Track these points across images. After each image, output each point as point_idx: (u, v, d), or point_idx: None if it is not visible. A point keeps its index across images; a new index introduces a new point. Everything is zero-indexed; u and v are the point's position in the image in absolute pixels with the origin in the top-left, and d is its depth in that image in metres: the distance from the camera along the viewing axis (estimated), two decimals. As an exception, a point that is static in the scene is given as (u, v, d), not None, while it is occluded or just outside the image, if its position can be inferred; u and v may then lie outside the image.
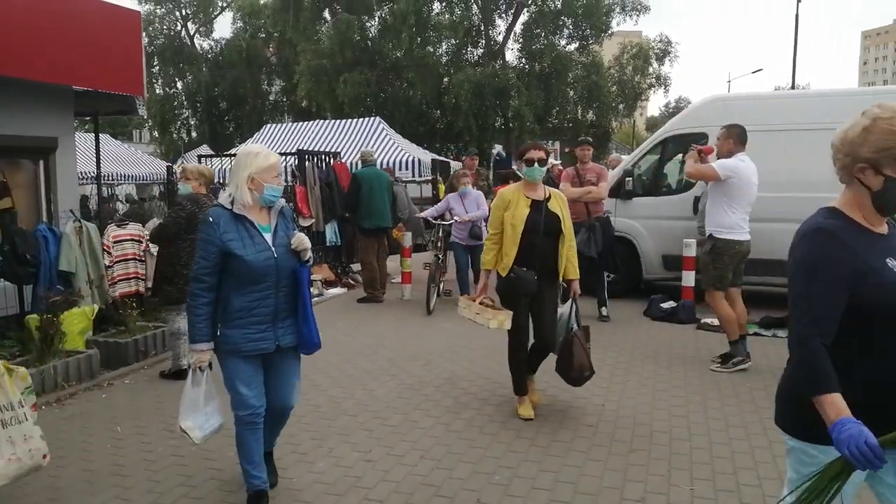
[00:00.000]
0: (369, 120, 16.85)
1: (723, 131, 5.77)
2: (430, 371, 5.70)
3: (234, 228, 3.08)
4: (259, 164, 3.10)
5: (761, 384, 5.26)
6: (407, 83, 26.55)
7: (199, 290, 3.09)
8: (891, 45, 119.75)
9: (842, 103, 8.12)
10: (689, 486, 3.57)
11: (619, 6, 25.73)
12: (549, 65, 25.47)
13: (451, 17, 26.16)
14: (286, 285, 3.17)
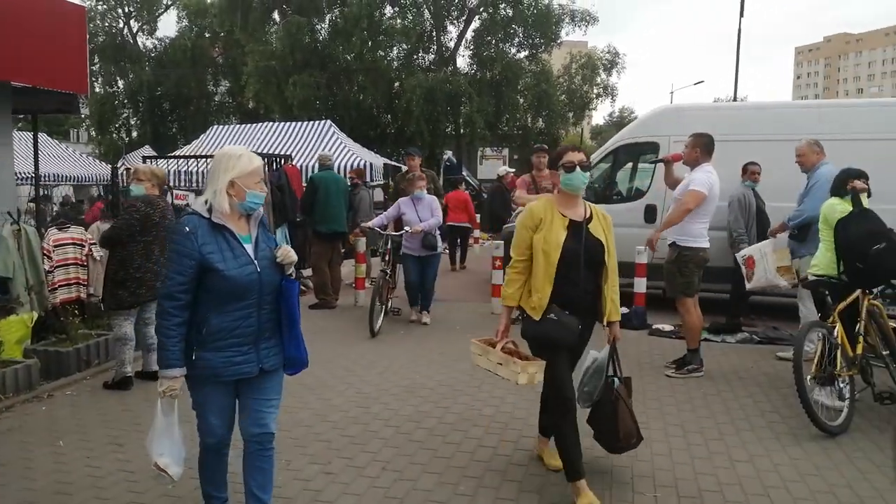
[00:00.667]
0: (320, 123, 16.67)
1: (690, 140, 5.83)
2: (387, 379, 5.62)
3: (214, 240, 2.75)
4: (242, 167, 2.78)
5: (714, 390, 5.35)
6: (358, 87, 26.35)
7: (173, 308, 2.73)
8: (822, 60, 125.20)
9: (789, 116, 8.42)
10: (654, 493, 3.58)
11: (569, 16, 26.14)
12: (499, 72, 25.67)
13: (402, 21, 26.10)
14: (269, 302, 2.86)
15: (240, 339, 2.81)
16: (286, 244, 2.96)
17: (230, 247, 2.77)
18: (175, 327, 2.74)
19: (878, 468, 3.88)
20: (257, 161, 2.84)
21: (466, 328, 7.56)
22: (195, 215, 2.80)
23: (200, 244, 2.72)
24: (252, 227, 2.88)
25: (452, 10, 26.73)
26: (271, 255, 2.87)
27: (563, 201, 3.54)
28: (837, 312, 4.64)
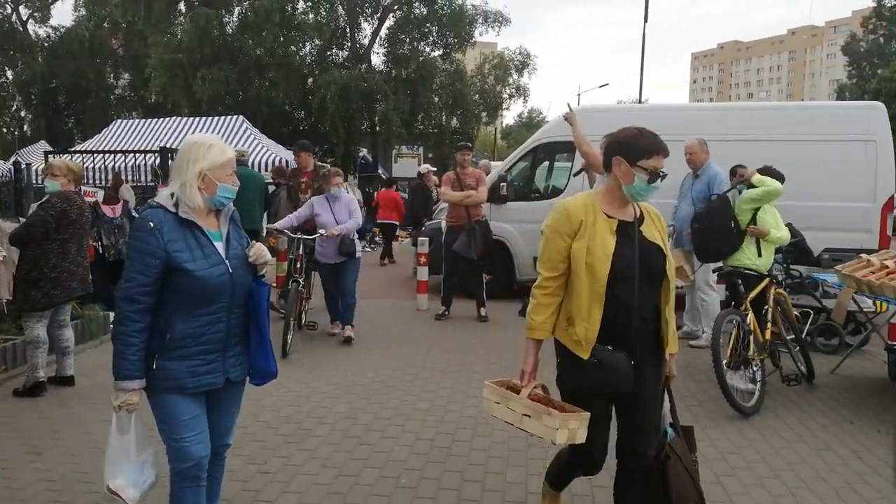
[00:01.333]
0: (231, 118, 16.19)
1: (604, 141, 6.04)
2: (319, 376, 5.56)
3: (181, 236, 2.47)
4: (214, 158, 2.52)
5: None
6: (269, 82, 25.71)
7: (134, 312, 2.43)
8: (716, 66, 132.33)
9: (695, 117, 8.90)
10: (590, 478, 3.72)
11: (482, 17, 26.47)
12: (414, 70, 25.67)
13: (316, 17, 25.67)
14: (240, 306, 2.61)
15: (207, 347, 2.54)
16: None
17: (199, 245, 2.51)
18: (136, 333, 2.45)
19: (789, 444, 4.18)
20: (231, 152, 2.61)
21: (392, 325, 7.58)
22: (159, 209, 2.50)
23: (167, 241, 2.44)
24: (222, 224, 2.63)
25: (367, 6, 26.51)
26: (243, 253, 2.63)
27: (607, 198, 2.71)
28: (749, 301, 4.96)
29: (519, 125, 71.25)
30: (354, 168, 26.82)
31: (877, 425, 4.52)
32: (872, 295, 4.99)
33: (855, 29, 60.67)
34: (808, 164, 7.56)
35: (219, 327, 2.56)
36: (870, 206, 7.82)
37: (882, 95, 35.39)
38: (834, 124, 8.14)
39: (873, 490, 3.57)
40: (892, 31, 50.37)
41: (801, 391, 5.17)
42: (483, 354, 6.32)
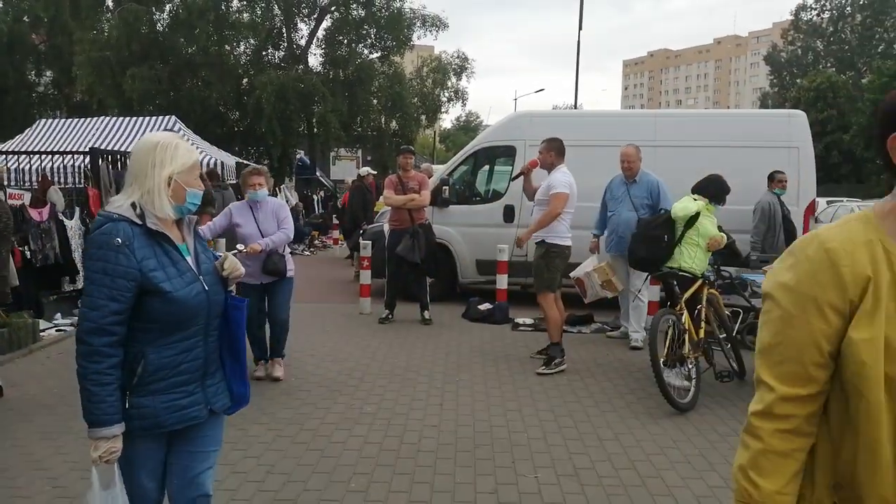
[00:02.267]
0: (163, 118, 15.71)
1: (544, 145, 6.19)
2: (261, 383, 5.47)
3: (152, 253, 2.13)
4: (182, 160, 2.21)
5: (577, 377, 5.75)
6: (203, 82, 25.08)
7: (105, 346, 2.05)
8: (646, 73, 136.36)
9: (630, 123, 9.19)
10: (535, 474, 3.81)
11: (420, 20, 26.52)
12: (352, 72, 25.51)
13: (251, 16, 25.20)
14: (216, 327, 2.30)
15: (185, 377, 2.20)
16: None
17: (172, 261, 2.17)
18: (111, 370, 2.07)
19: (724, 437, 4.38)
20: (196, 153, 2.31)
21: (335, 330, 7.53)
22: (123, 221, 2.11)
23: (140, 259, 2.08)
24: (187, 235, 2.29)
25: (303, 7, 26.18)
26: (213, 267, 2.31)
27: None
28: (684, 301, 5.15)
29: (457, 129, 71.70)
30: (292, 170, 26.46)
31: (802, 418, 4.76)
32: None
33: (776, 40, 63.68)
34: (735, 169, 7.89)
35: (196, 353, 2.22)
36: (793, 210, 8.24)
37: (801, 103, 37.28)
38: (759, 131, 8.54)
39: (801, 479, 3.77)
40: (809, 43, 53.10)
41: (733, 387, 5.40)
42: (428, 357, 6.36)
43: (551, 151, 6.05)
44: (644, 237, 5.64)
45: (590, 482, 3.72)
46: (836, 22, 51.92)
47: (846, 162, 41.09)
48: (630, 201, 6.81)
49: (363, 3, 25.66)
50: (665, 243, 5.38)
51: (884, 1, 49.30)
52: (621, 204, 6.89)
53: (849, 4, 51.43)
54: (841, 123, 40.49)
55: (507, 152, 9.45)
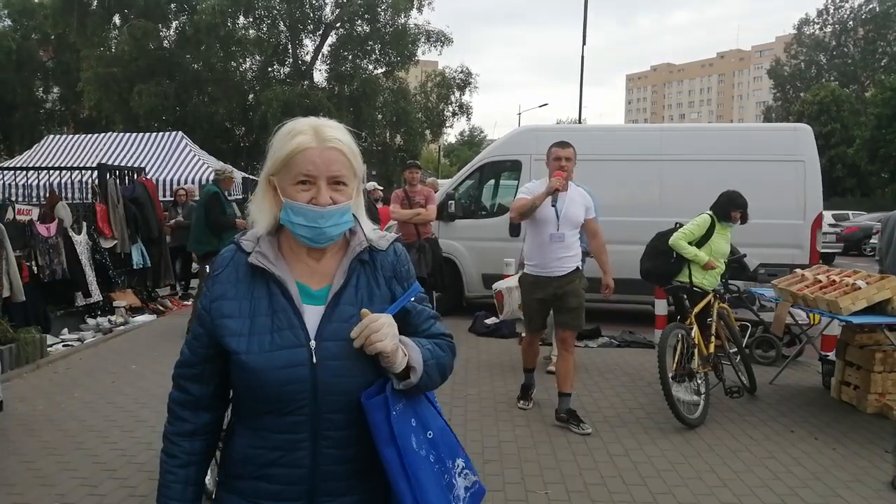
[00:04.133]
0: (170, 134, 15.85)
1: (570, 150, 5.62)
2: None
3: (244, 292, 1.44)
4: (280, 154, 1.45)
5: (585, 391, 5.72)
6: (209, 98, 25.28)
7: (177, 405, 1.52)
8: (649, 87, 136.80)
9: (635, 138, 9.21)
10: (545, 490, 3.78)
11: (425, 36, 26.73)
12: (357, 88, 25.70)
13: (257, 32, 25.44)
14: (338, 424, 1.39)
15: (277, 487, 1.41)
16: (143, 261, 1.82)
17: (271, 309, 1.42)
18: (180, 439, 1.49)
19: (734, 453, 4.34)
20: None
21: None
22: (232, 247, 1.51)
23: (214, 298, 1.45)
24: (337, 273, 1.46)
25: (308, 23, 26.44)
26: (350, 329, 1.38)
27: None
28: (694, 315, 5.13)
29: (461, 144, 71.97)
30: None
31: (815, 433, 4.73)
32: (807, 308, 5.24)
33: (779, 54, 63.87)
34: (741, 183, 7.88)
35: (298, 456, 1.39)
36: (800, 224, 8.23)
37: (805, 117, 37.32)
38: (765, 145, 8.55)
39: (815, 495, 3.74)
40: (812, 57, 53.25)
41: (742, 402, 5.36)
42: (435, 372, 6.32)
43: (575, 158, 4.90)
44: (653, 250, 5.59)
45: (600, 499, 3.68)
46: (839, 36, 52.09)
47: (851, 175, 41.05)
48: None
49: (368, 19, 25.89)
50: (674, 259, 5.34)
51: (886, 15, 49.48)
52: None
53: (851, 18, 51.63)
54: (845, 137, 40.49)
55: (512, 167, 9.50)
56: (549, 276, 4.78)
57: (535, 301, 4.91)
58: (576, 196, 4.85)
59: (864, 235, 22.74)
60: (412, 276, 1.55)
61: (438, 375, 1.48)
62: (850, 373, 5.40)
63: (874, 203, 36.18)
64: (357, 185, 1.49)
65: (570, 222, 4.78)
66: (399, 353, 1.36)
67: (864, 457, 4.30)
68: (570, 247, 4.80)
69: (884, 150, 35.77)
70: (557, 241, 4.73)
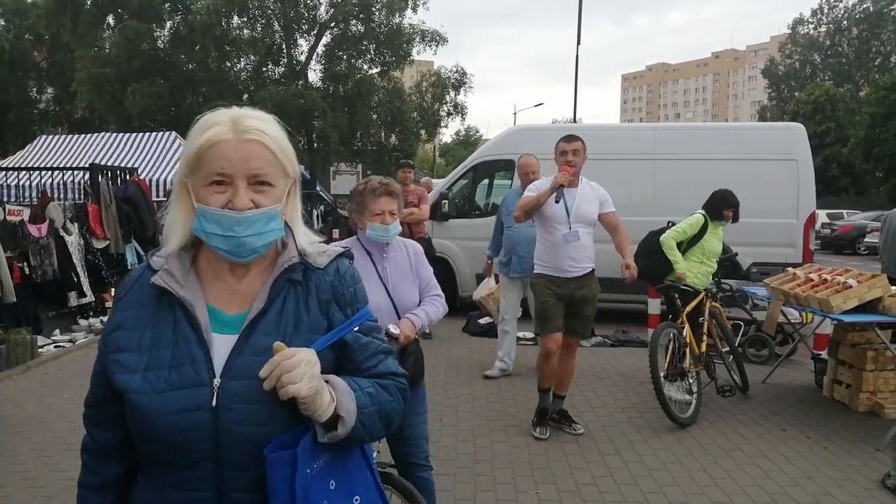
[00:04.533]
0: (164, 134, 15.78)
1: (578, 143, 4.74)
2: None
3: (147, 320, 1.22)
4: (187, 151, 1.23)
5: (577, 391, 5.70)
6: (203, 98, 25.19)
7: (86, 455, 1.30)
8: (644, 87, 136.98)
9: (629, 137, 9.22)
10: (536, 490, 3.77)
11: (420, 36, 26.65)
12: (352, 87, 25.62)
13: (251, 32, 25.35)
14: (249, 483, 1.14)
15: None
16: (137, 262, 1.72)
17: (174, 340, 1.19)
18: (87, 493, 1.29)
19: (726, 452, 4.33)
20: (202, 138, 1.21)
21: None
22: (144, 265, 1.29)
23: (109, 330, 1.24)
24: (259, 295, 1.22)
25: (303, 23, 26.32)
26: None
27: None
28: (686, 314, 5.12)
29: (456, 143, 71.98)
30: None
31: (806, 431, 4.73)
32: (799, 307, 5.24)
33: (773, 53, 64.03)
34: (735, 182, 7.89)
35: None
36: (793, 223, 8.24)
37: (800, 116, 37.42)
38: (759, 144, 8.55)
39: (806, 494, 3.74)
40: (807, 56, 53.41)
41: (734, 401, 5.36)
42: (427, 372, 6.27)
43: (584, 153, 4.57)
44: (645, 250, 5.59)
45: (591, 498, 3.68)
46: (834, 35, 52.24)
47: (845, 174, 41.18)
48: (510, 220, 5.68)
49: (362, 18, 25.81)
50: (664, 259, 5.32)
51: (880, 14, 49.65)
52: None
53: (845, 18, 51.79)
54: (839, 136, 40.62)
55: (506, 166, 9.48)
56: (565, 276, 4.49)
57: (553, 297, 4.48)
58: (587, 191, 4.57)
59: (859, 234, 22.80)
60: (360, 300, 1.29)
61: (380, 425, 1.22)
62: (842, 371, 5.41)
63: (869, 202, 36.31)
64: (291, 187, 1.26)
65: (583, 219, 4.48)
66: (323, 397, 1.11)
67: (856, 455, 4.30)
68: (586, 246, 4.50)
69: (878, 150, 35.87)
70: (572, 240, 4.43)
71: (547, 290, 4.51)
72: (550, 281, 4.52)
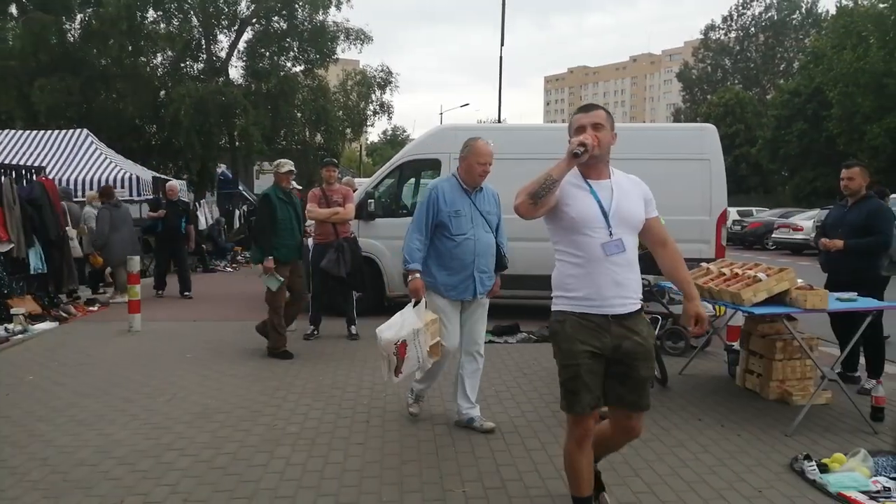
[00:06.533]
0: (75, 132, 15.03)
1: (601, 113, 4.10)
2: (177, 407, 5.23)
3: None
4: None
5: (504, 387, 5.78)
6: (117, 94, 24.13)
7: None
8: (566, 89, 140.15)
9: (553, 137, 9.35)
10: (462, 488, 3.76)
11: (344, 34, 26.39)
12: (275, 85, 25.11)
13: (167, 27, 24.47)
14: None
15: None
16: (42, 266, 2.03)
17: None
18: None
19: (645, 443, 4.44)
20: None
21: (258, 348, 7.30)
22: None
23: None
24: None
25: (223, 18, 25.61)
26: None
27: None
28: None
29: (384, 143, 71.68)
30: (213, 184, 25.73)
31: (721, 420, 4.92)
32: (713, 300, 5.44)
33: (687, 58, 66.60)
34: (651, 180, 8.10)
35: None
36: (706, 220, 8.57)
37: (711, 118, 39.09)
38: (674, 145, 8.85)
39: (721, 481, 3.87)
40: (718, 61, 55.82)
41: (653, 393, 5.46)
42: (355, 374, 6.24)
43: (614, 130, 3.20)
44: None
45: (517, 493, 3.70)
46: (742, 41, 54.85)
47: (754, 174, 43.31)
48: (483, 218, 4.65)
49: (285, 15, 25.34)
50: None
51: (784, 22, 52.41)
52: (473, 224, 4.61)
53: (753, 25, 54.43)
54: (748, 137, 42.68)
55: (432, 165, 9.48)
56: (606, 313, 2.96)
57: (586, 355, 2.93)
58: (626, 184, 3.14)
59: (767, 231, 23.94)
60: None
61: None
62: (754, 361, 5.66)
63: (776, 200, 38.33)
64: None
65: (627, 222, 3.03)
66: None
67: (766, 441, 4.50)
68: (632, 263, 3.03)
69: (783, 150, 37.91)
70: (615, 251, 2.95)
71: (574, 341, 2.95)
72: (582, 324, 2.96)
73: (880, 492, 3.66)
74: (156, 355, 6.91)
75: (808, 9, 51.54)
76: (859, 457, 3.97)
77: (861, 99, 28.69)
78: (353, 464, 4.10)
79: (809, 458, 4.00)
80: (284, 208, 6.87)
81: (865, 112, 29.04)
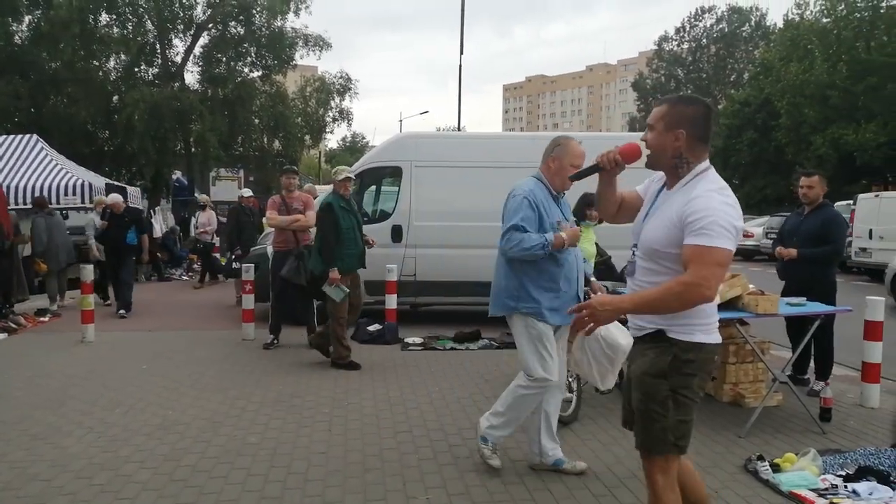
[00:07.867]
0: (23, 137, 14.57)
1: (665, 108, 2.97)
2: (135, 418, 5.13)
3: None
4: None
5: (466, 393, 5.81)
6: (68, 98, 23.51)
7: None
8: (525, 97, 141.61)
9: (508, 145, 9.50)
10: (426, 496, 3.79)
11: (303, 40, 26.18)
12: (232, 91, 24.78)
13: (121, 31, 23.95)
14: None
15: None
16: None
17: None
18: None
19: (606, 447, 4.54)
20: None
21: (217, 358, 7.21)
22: None
23: None
24: None
25: (178, 23, 25.16)
26: None
27: None
28: (566, 316, 5.30)
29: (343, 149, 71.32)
30: (168, 191, 25.25)
31: (677, 423, 5.04)
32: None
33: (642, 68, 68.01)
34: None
35: None
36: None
37: (666, 128, 39.96)
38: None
39: (677, 482, 3.97)
40: (671, 71, 57.09)
41: (612, 398, 5.61)
42: (315, 382, 6.21)
43: (681, 129, 2.56)
44: None
45: (480, 499, 3.74)
46: (695, 52, 56.21)
47: (707, 182, 44.26)
48: None
49: (242, 21, 25.04)
50: None
51: (734, 35, 53.91)
52: None
53: (705, 36, 55.83)
54: (702, 146, 43.58)
55: (393, 173, 9.51)
56: None
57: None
58: (678, 200, 2.57)
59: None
60: None
61: None
62: (708, 365, 5.81)
63: (729, 207, 39.21)
64: None
65: (643, 245, 2.67)
66: None
67: (721, 443, 4.63)
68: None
69: (734, 159, 38.94)
70: (630, 274, 2.82)
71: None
72: None
73: (828, 489, 3.82)
74: (111, 366, 6.77)
75: (758, 21, 53.13)
76: (809, 456, 4.13)
77: (807, 109, 29.67)
78: (316, 473, 4.08)
79: (762, 459, 4.13)
80: (347, 217, 6.66)
81: (811, 122, 30.05)
